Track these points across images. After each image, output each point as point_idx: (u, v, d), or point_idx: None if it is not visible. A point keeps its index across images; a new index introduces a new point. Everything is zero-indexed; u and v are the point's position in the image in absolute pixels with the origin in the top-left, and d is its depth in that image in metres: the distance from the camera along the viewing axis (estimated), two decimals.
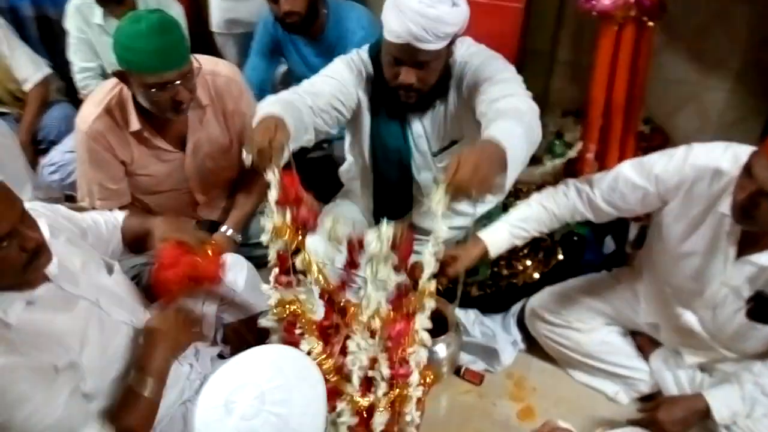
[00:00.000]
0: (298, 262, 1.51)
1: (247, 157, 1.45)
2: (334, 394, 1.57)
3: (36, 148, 2.69)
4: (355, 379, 1.52)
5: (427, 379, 1.60)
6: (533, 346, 2.01)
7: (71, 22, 2.53)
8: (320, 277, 1.56)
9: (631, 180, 1.63)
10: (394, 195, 1.97)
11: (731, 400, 1.58)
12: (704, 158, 1.53)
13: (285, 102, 1.64)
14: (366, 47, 1.86)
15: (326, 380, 1.56)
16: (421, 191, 1.96)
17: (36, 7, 2.71)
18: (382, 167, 1.97)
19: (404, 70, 1.66)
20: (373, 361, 1.52)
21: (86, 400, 1.37)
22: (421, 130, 1.90)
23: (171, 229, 1.68)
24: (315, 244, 1.96)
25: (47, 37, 2.88)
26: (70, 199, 2.06)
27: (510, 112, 1.51)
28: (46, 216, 1.43)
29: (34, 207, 1.45)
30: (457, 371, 1.97)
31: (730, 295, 1.56)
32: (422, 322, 1.48)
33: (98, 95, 1.92)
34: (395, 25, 1.59)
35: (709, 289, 1.59)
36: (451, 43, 1.70)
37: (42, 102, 2.68)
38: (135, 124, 1.88)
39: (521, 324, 2.03)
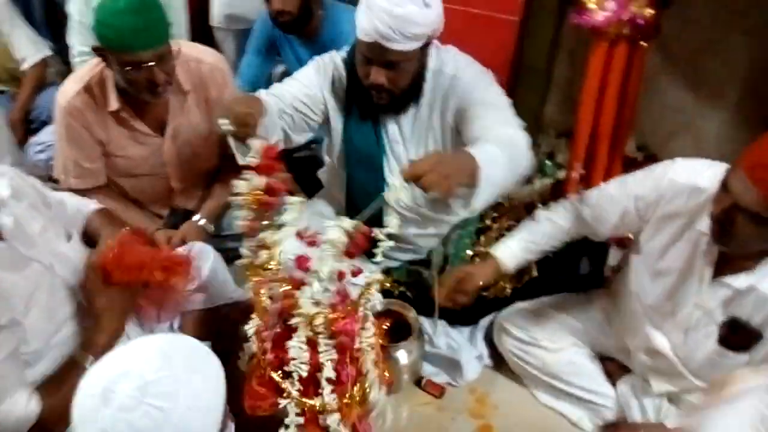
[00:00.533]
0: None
1: (223, 123, 1.49)
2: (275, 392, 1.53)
3: (28, 127, 2.70)
4: (295, 377, 1.49)
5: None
6: (500, 362, 1.95)
7: (73, 6, 2.55)
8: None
9: (612, 196, 1.63)
10: (366, 198, 1.93)
11: None
12: (683, 175, 1.50)
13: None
14: (343, 50, 1.87)
15: (266, 377, 1.54)
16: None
17: None
18: (354, 170, 1.95)
19: (374, 69, 1.66)
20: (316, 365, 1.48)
21: (25, 366, 1.35)
22: (397, 135, 1.87)
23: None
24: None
25: (52, 21, 2.91)
26: (54, 181, 2.05)
27: (504, 140, 1.55)
28: (11, 178, 1.44)
29: (2, 170, 1.46)
30: (418, 382, 1.92)
31: (703, 318, 1.51)
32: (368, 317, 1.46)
33: (80, 72, 1.92)
34: (364, 23, 1.59)
35: (683, 311, 1.54)
36: (426, 46, 1.68)
37: (38, 82, 2.70)
38: (114, 103, 1.87)
39: (489, 339, 1.97)
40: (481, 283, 1.69)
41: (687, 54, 2.37)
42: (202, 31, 2.86)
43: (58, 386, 1.34)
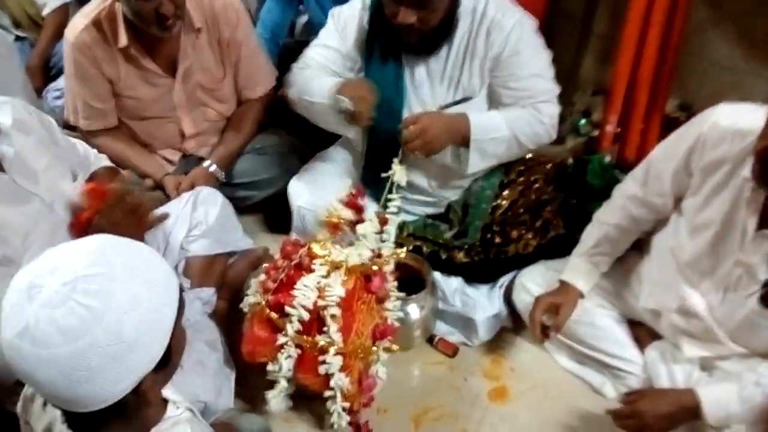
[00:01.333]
0: None
1: (343, 101, 1.61)
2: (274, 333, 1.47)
3: (47, 74, 2.66)
4: (295, 319, 1.42)
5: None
6: (518, 324, 1.83)
7: None
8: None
9: (658, 158, 1.52)
10: (383, 145, 1.83)
11: (727, 399, 1.36)
12: (727, 118, 1.36)
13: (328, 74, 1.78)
14: None
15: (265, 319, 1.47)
16: None
17: None
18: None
19: (403, 9, 1.58)
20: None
21: None
22: (424, 77, 1.77)
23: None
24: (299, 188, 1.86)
25: None
26: (70, 128, 2.01)
27: (523, 118, 1.71)
28: (16, 110, 1.40)
29: (6, 99, 1.42)
30: (430, 340, 1.82)
31: (744, 276, 1.37)
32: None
33: (89, 7, 1.86)
34: None
35: (723, 267, 1.40)
36: None
37: (58, 28, 2.63)
38: (123, 39, 1.80)
39: (509, 299, 1.85)
40: (570, 314, 1.62)
41: (737, 9, 2.17)
42: None
43: None
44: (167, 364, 0.87)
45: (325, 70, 1.80)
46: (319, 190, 1.85)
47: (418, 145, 1.61)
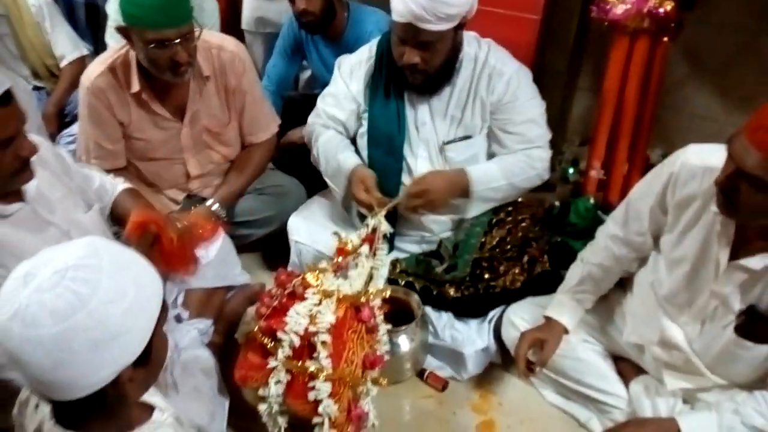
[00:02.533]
0: None
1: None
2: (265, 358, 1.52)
3: (61, 122, 2.79)
4: (289, 340, 1.47)
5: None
6: (507, 359, 1.87)
7: (111, 6, 2.66)
8: None
9: (637, 198, 1.60)
10: (383, 180, 1.93)
11: (706, 427, 1.41)
12: (696, 157, 1.45)
13: (343, 144, 1.97)
14: (373, 42, 1.98)
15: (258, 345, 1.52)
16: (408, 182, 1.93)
17: None
18: (374, 152, 1.96)
19: (408, 50, 1.71)
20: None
21: None
22: (426, 116, 1.90)
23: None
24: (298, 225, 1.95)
25: (93, 23, 3.04)
26: None
27: (518, 162, 1.85)
28: (42, 148, 1.48)
29: (31, 137, 1.52)
30: (420, 375, 1.86)
31: (720, 307, 1.44)
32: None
33: (105, 55, 1.99)
34: (399, 5, 1.65)
35: (699, 300, 1.47)
36: (459, 27, 1.73)
37: (74, 79, 2.78)
38: (136, 85, 1.92)
39: (498, 335, 1.89)
40: (554, 351, 1.68)
41: (715, 61, 2.32)
42: (233, 35, 2.94)
43: None
44: (147, 362, 0.92)
45: (333, 120, 1.98)
46: (316, 226, 1.95)
47: (420, 205, 1.76)
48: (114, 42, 2.71)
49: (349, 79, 1.97)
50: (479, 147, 1.90)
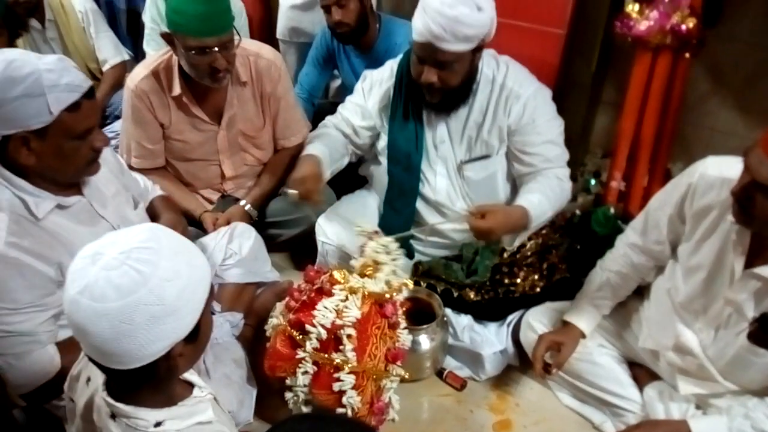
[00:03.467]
0: None
1: (291, 192, 1.84)
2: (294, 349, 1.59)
3: (102, 122, 2.92)
4: (317, 333, 1.55)
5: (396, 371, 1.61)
6: (524, 361, 1.92)
7: (147, 14, 2.78)
8: None
9: (656, 208, 1.65)
10: (400, 196, 2.04)
11: (717, 429, 1.46)
12: (714, 168, 1.51)
13: (324, 137, 2.02)
14: (396, 58, 2.01)
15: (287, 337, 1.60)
16: (427, 197, 2.02)
17: (128, 1, 3.01)
18: (393, 168, 2.04)
19: (426, 68, 1.75)
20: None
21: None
22: (444, 134, 1.95)
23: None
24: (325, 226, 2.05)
25: (133, 30, 3.19)
26: None
27: (553, 189, 1.83)
28: None
29: None
30: (439, 374, 1.92)
31: (734, 314, 1.48)
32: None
33: (150, 59, 2.10)
34: (419, 24, 1.69)
35: (714, 307, 1.52)
36: (478, 49, 1.77)
37: (115, 83, 2.93)
38: (177, 89, 2.03)
39: (516, 338, 1.95)
40: (572, 353, 1.76)
41: (737, 77, 2.35)
42: (268, 43, 3.06)
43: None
44: (196, 339, 1.01)
45: (346, 122, 2.06)
46: (343, 228, 2.03)
47: (485, 237, 1.72)
48: (151, 49, 2.85)
49: (368, 95, 2.05)
50: (498, 166, 1.94)
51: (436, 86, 1.78)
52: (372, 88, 2.04)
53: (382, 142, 2.05)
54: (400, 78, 1.96)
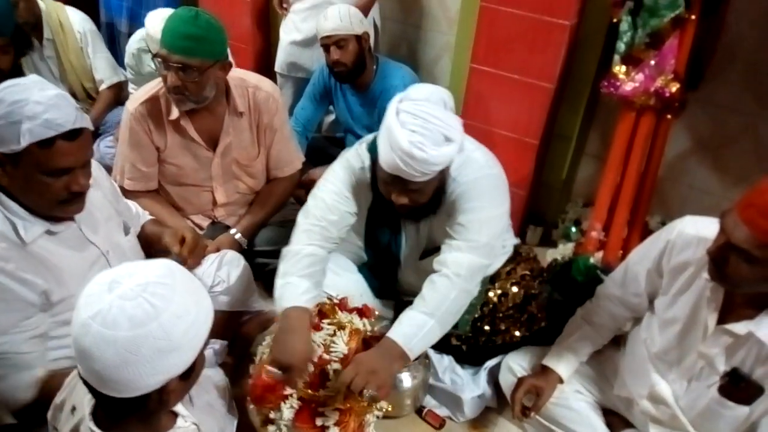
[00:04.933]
0: None
1: (273, 371, 1.57)
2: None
3: (95, 139, 2.93)
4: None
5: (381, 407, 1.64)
6: (502, 404, 1.96)
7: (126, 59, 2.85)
8: None
9: (635, 261, 1.71)
10: (379, 266, 2.07)
11: None
12: (692, 227, 1.57)
13: (307, 274, 1.73)
14: (366, 143, 1.86)
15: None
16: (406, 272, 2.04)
17: (130, 24, 3.06)
18: (372, 246, 2.05)
19: (395, 192, 1.67)
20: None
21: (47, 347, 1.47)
22: (413, 236, 1.95)
23: (178, 228, 1.89)
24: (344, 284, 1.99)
25: None
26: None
27: (440, 289, 1.68)
28: (97, 170, 1.62)
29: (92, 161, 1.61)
30: (419, 411, 1.94)
31: (706, 367, 1.54)
32: None
33: (152, 84, 2.14)
34: (385, 156, 1.58)
35: (687, 359, 1.57)
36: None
37: (110, 102, 2.96)
38: (175, 112, 2.06)
39: (495, 382, 1.99)
40: (549, 398, 1.79)
41: (715, 139, 2.46)
42: (265, 76, 3.13)
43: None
44: (189, 377, 1.04)
45: (331, 222, 1.80)
46: (334, 275, 1.98)
47: (361, 381, 1.50)
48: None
49: (351, 183, 1.85)
50: None
51: (407, 205, 1.69)
52: (353, 176, 1.86)
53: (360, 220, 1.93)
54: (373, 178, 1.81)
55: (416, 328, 1.65)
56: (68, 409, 1.16)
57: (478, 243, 1.73)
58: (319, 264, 1.78)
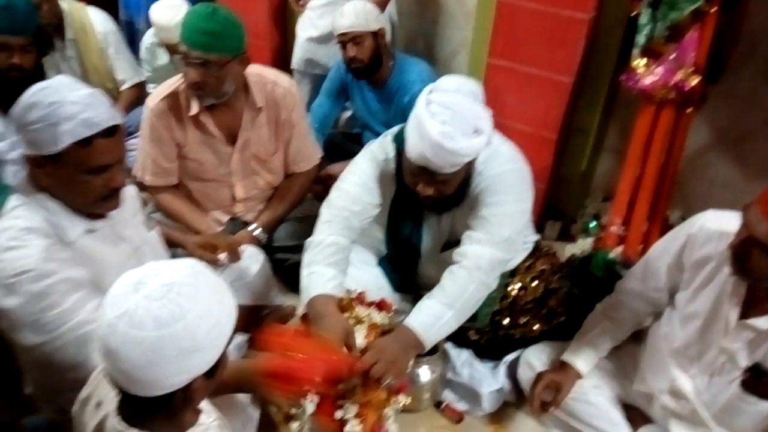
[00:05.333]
0: None
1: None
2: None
3: None
4: None
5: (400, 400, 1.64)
6: (520, 398, 1.96)
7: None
8: None
9: (655, 257, 1.71)
10: (400, 259, 2.07)
11: None
12: (714, 222, 1.57)
13: (332, 263, 1.75)
14: (391, 135, 1.88)
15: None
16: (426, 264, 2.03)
17: (148, 22, 3.07)
18: (392, 240, 2.04)
19: (422, 183, 1.67)
20: None
21: None
22: (435, 229, 1.94)
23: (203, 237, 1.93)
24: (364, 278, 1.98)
25: None
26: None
27: (459, 281, 1.69)
28: None
29: None
30: (437, 405, 1.95)
31: (728, 362, 1.53)
32: None
33: (172, 80, 2.16)
34: (414, 147, 1.58)
35: (708, 354, 1.56)
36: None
37: (131, 102, 2.99)
38: (195, 108, 2.08)
39: (514, 376, 1.99)
40: (568, 394, 1.79)
41: (736, 132, 2.44)
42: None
43: None
44: (214, 375, 1.05)
45: (354, 212, 1.83)
46: (355, 269, 1.96)
47: (381, 369, 1.53)
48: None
49: (375, 175, 1.87)
50: None
51: (432, 196, 1.69)
52: (377, 167, 1.87)
53: (383, 213, 1.95)
54: (398, 168, 1.82)
55: (434, 318, 1.66)
56: (93, 404, 1.18)
57: (500, 237, 1.73)
58: (342, 252, 1.80)
